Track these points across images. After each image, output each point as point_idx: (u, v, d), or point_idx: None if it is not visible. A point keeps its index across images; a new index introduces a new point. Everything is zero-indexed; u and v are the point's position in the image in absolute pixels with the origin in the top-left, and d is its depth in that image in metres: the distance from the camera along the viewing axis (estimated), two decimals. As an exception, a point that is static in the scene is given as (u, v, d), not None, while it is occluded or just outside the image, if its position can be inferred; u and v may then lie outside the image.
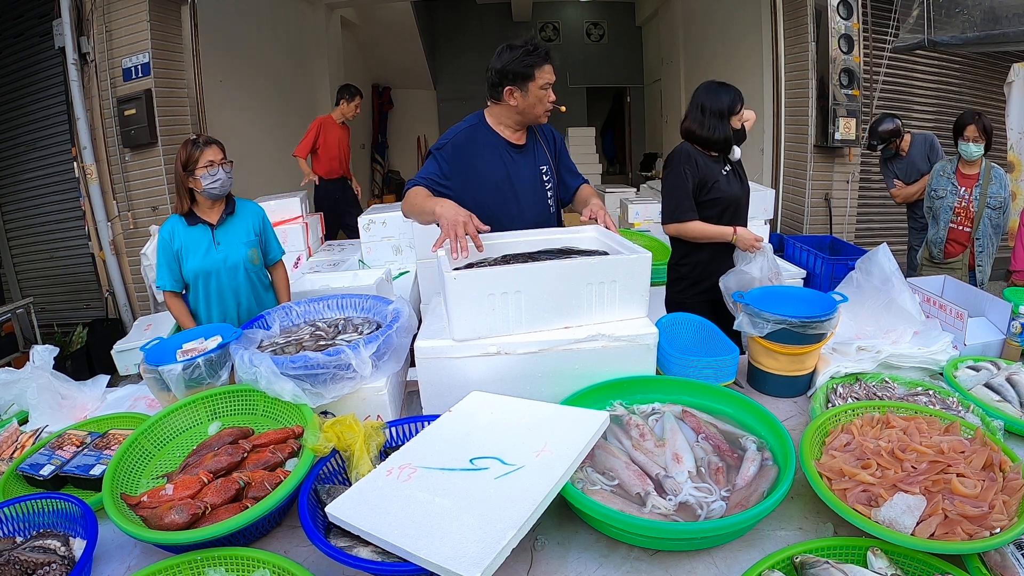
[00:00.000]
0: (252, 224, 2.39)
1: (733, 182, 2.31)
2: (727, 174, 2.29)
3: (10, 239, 5.09)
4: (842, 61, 4.67)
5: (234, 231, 2.34)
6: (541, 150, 2.08)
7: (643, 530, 1.04)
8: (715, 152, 2.29)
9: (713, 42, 7.01)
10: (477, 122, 2.01)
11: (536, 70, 1.88)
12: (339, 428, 1.25)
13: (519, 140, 2.02)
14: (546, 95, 1.94)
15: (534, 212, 2.02)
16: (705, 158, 2.27)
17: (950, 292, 2.09)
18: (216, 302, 2.32)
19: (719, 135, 2.23)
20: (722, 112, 2.22)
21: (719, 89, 2.24)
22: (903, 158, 3.83)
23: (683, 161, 2.25)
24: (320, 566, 1.07)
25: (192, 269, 2.27)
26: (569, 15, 11.06)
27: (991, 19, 4.12)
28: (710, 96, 2.24)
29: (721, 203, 2.26)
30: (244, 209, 2.40)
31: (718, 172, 2.27)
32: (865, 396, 1.50)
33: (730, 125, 2.24)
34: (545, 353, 1.45)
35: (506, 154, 1.98)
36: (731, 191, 2.28)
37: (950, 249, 3.27)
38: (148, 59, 4.18)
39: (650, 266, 1.51)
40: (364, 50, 9.24)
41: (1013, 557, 0.99)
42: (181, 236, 2.26)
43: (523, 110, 1.94)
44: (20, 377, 1.70)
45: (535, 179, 2.03)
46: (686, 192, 2.23)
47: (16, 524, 1.17)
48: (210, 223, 2.29)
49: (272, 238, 2.50)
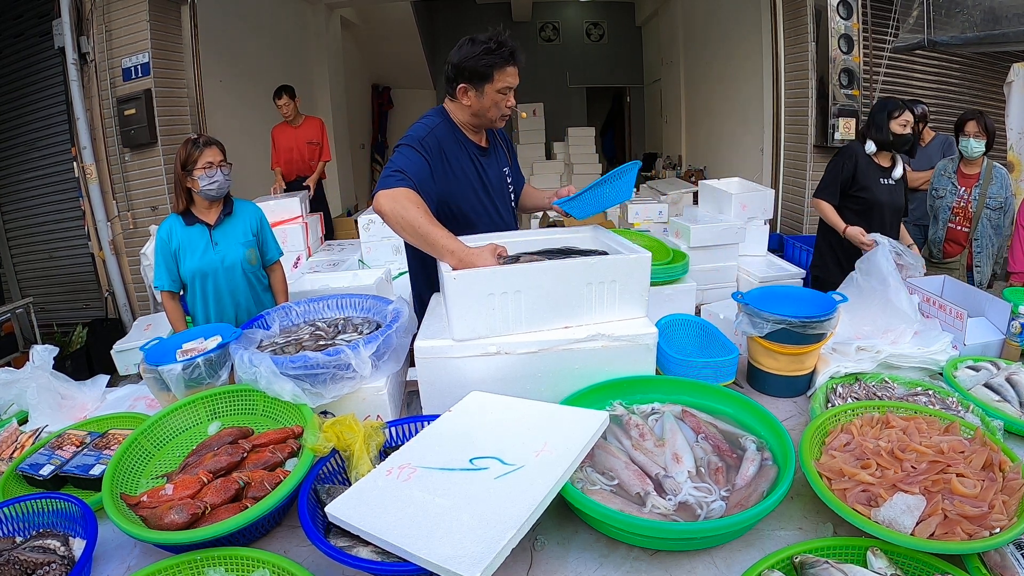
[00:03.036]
0: (250, 225, 2.39)
1: (886, 191, 2.80)
2: (885, 183, 2.80)
3: (10, 239, 5.09)
4: (842, 61, 4.67)
5: (232, 231, 2.33)
6: (502, 151, 2.00)
7: (643, 530, 1.04)
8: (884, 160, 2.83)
9: (713, 42, 7.01)
10: (445, 119, 1.83)
11: (495, 71, 1.71)
12: (339, 428, 1.25)
13: (481, 141, 1.89)
14: (504, 100, 1.76)
15: (508, 216, 1.96)
16: (869, 161, 2.81)
17: (950, 292, 2.09)
18: (213, 302, 2.32)
19: (883, 136, 2.75)
20: (883, 114, 2.74)
21: (885, 100, 2.82)
22: (923, 148, 3.87)
23: (846, 155, 2.84)
24: (320, 566, 1.07)
25: (190, 269, 2.26)
26: (569, 15, 11.06)
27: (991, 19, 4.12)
28: (877, 104, 2.84)
29: (865, 203, 2.78)
30: (242, 210, 2.39)
31: (876, 178, 2.79)
32: (865, 396, 1.50)
33: (889, 128, 2.72)
34: (545, 353, 1.45)
35: (475, 156, 1.86)
36: (879, 197, 2.77)
37: (948, 249, 3.27)
38: (148, 59, 4.19)
39: (650, 266, 1.51)
40: (364, 50, 9.24)
41: (1013, 557, 0.99)
42: (179, 236, 2.26)
43: (477, 112, 1.78)
44: (20, 377, 1.70)
45: (501, 181, 1.95)
46: (835, 178, 2.82)
47: (16, 524, 1.17)
48: (208, 223, 2.29)
49: (270, 239, 2.49)
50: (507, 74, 1.73)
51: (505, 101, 1.78)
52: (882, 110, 2.78)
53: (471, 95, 1.76)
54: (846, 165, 2.80)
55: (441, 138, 1.77)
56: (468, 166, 1.83)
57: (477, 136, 1.88)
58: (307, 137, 5.03)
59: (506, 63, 1.72)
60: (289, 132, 4.98)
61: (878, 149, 2.79)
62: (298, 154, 5.01)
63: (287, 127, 4.98)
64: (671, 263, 2.74)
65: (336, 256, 4.09)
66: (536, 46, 11.00)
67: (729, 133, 6.56)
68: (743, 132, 6.03)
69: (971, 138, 3.06)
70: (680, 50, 8.44)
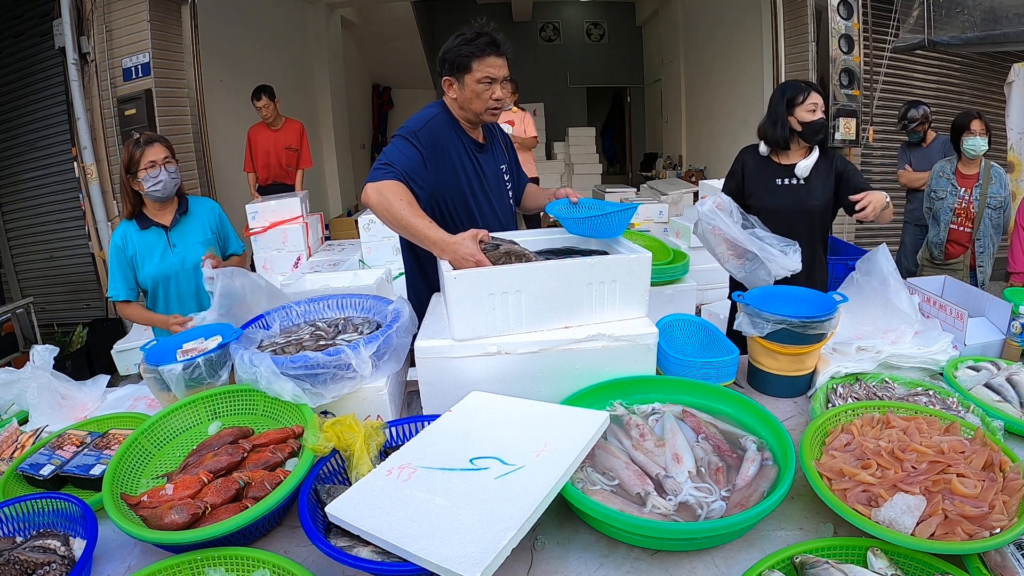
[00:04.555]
0: (208, 222, 2.28)
1: (782, 193, 2.22)
2: (783, 184, 2.23)
3: (10, 239, 5.09)
4: (842, 61, 4.67)
5: (190, 231, 2.23)
6: (500, 148, 1.96)
7: (643, 530, 1.04)
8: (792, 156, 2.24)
9: (714, 42, 7.01)
10: (443, 111, 1.81)
11: (474, 61, 1.69)
12: (339, 428, 1.25)
13: (478, 137, 1.86)
14: (486, 91, 1.72)
15: (504, 214, 1.92)
16: (763, 162, 2.29)
17: (950, 292, 2.09)
18: (176, 306, 2.21)
19: (779, 131, 2.19)
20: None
21: (784, 85, 2.26)
22: (923, 149, 3.93)
23: (735, 162, 2.36)
24: (320, 566, 1.07)
25: (149, 275, 2.17)
26: (569, 15, 11.07)
27: (991, 19, 4.13)
28: (776, 91, 2.26)
29: (760, 211, 2.20)
30: (199, 207, 2.29)
31: (771, 180, 2.24)
32: (865, 396, 1.50)
33: (796, 117, 2.16)
34: (545, 353, 1.45)
35: (472, 152, 1.83)
36: (770, 202, 2.23)
37: (951, 250, 3.27)
38: (148, 59, 4.19)
39: (650, 266, 1.51)
40: (364, 50, 9.25)
41: (1013, 557, 0.99)
42: (135, 242, 2.16)
43: (462, 104, 1.76)
44: (20, 377, 1.70)
45: (499, 179, 1.92)
46: (726, 188, 2.33)
47: (16, 524, 1.17)
48: (164, 225, 2.19)
49: (231, 234, 2.39)
50: (487, 64, 1.70)
51: (489, 93, 1.73)
52: (780, 99, 2.18)
53: (455, 87, 1.75)
54: (734, 173, 2.33)
55: (437, 129, 1.75)
56: (465, 161, 1.81)
57: (475, 132, 1.86)
58: (286, 142, 4.81)
59: (484, 52, 1.69)
60: (267, 134, 4.78)
61: (772, 148, 2.24)
62: (275, 159, 4.82)
63: (265, 129, 4.78)
64: (671, 263, 2.75)
65: (336, 256, 4.09)
66: (536, 46, 11.00)
67: (730, 133, 6.56)
68: (743, 132, 6.02)
69: (977, 136, 3.06)
70: (680, 50, 8.45)
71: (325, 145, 7.67)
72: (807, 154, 2.20)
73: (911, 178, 3.90)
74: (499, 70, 1.72)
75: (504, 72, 1.74)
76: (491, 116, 1.80)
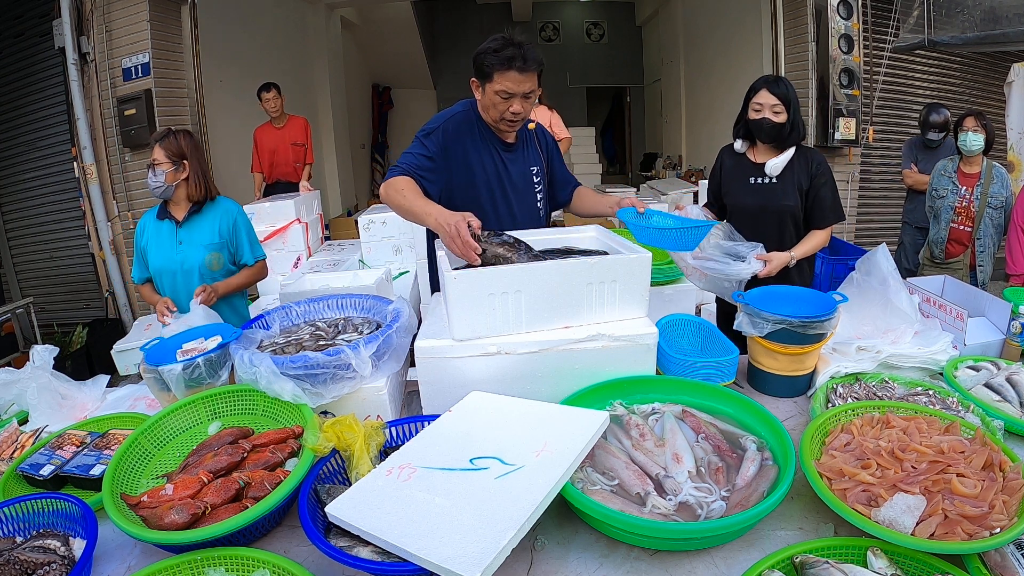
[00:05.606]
0: (220, 225, 2.25)
1: (751, 192, 2.22)
2: (755, 183, 2.21)
3: (10, 239, 5.09)
4: (842, 61, 4.67)
5: (198, 231, 2.22)
6: (533, 149, 1.96)
7: (643, 530, 1.04)
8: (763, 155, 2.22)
9: (713, 42, 7.01)
10: (469, 109, 1.82)
11: (495, 72, 1.68)
12: (339, 428, 1.25)
13: (507, 137, 1.86)
14: (503, 104, 1.71)
15: (524, 215, 1.91)
16: (739, 160, 2.30)
17: (950, 292, 2.09)
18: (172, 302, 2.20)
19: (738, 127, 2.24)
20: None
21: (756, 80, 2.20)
22: (933, 151, 3.86)
23: (717, 159, 2.39)
24: (320, 566, 1.07)
25: (153, 266, 2.23)
26: (569, 15, 11.07)
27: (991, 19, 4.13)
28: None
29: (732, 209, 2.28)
30: (214, 208, 2.26)
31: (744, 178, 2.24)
32: (865, 396, 1.50)
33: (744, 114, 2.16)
34: (545, 353, 1.45)
35: (496, 150, 1.83)
36: (740, 200, 2.25)
37: (951, 249, 3.27)
38: (148, 59, 4.19)
39: (650, 266, 1.51)
40: (364, 50, 9.25)
41: (1013, 557, 0.99)
42: (149, 230, 2.25)
43: (483, 107, 1.77)
44: (20, 377, 1.70)
45: (525, 180, 1.91)
46: (710, 185, 2.40)
47: (16, 524, 1.17)
48: (176, 219, 2.22)
49: (244, 240, 2.32)
50: (507, 78, 1.68)
51: (506, 106, 1.72)
52: (746, 93, 2.16)
53: (479, 91, 1.78)
54: (715, 172, 2.35)
55: (454, 128, 1.78)
56: (485, 158, 1.81)
57: (503, 132, 1.85)
58: (291, 138, 4.80)
59: (505, 67, 1.67)
60: (273, 133, 4.77)
61: (746, 146, 2.26)
62: (282, 156, 4.81)
63: (270, 128, 4.77)
64: (671, 263, 2.74)
65: (336, 256, 4.09)
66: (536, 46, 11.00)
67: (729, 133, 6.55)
68: (743, 132, 6.01)
69: (969, 131, 3.06)
70: (680, 50, 8.45)
71: (325, 145, 7.67)
72: (778, 153, 2.16)
73: (917, 179, 3.86)
74: (519, 85, 1.69)
75: (525, 88, 1.71)
76: (507, 127, 1.79)
